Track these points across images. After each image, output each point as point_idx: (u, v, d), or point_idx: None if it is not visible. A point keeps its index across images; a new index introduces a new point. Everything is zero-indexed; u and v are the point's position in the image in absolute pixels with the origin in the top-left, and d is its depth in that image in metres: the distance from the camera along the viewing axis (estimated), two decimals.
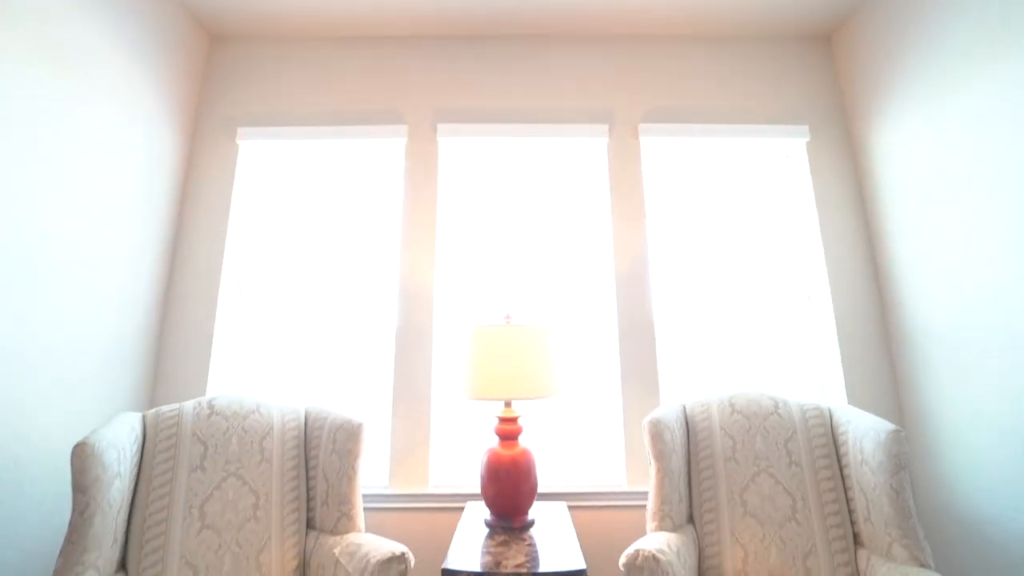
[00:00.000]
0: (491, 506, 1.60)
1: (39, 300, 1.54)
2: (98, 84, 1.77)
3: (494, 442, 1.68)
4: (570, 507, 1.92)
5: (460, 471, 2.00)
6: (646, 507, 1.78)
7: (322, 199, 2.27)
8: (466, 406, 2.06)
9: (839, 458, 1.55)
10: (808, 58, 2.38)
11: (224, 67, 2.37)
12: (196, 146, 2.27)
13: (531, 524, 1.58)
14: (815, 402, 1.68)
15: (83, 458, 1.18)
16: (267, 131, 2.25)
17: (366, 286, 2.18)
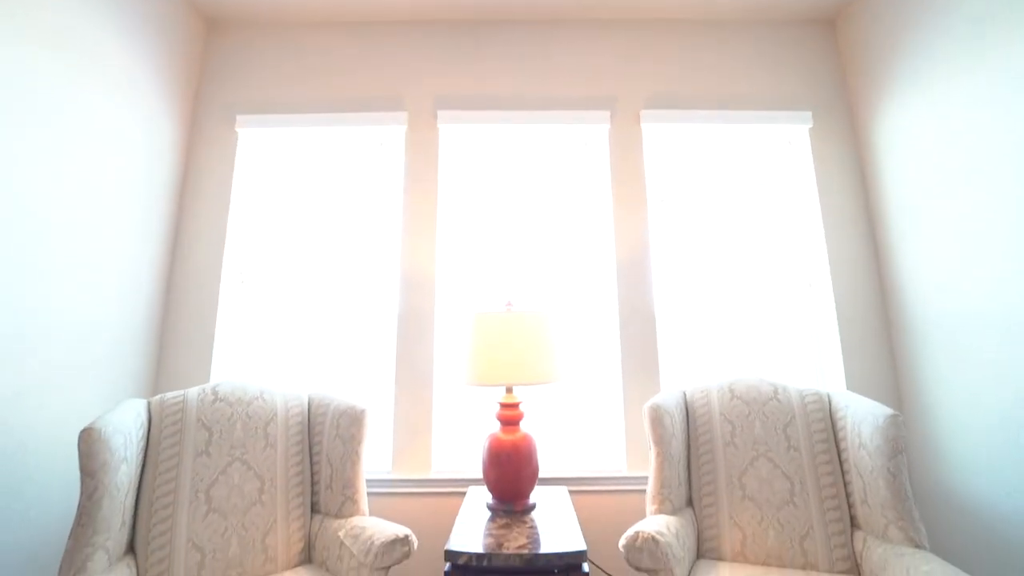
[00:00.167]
0: (493, 490, 1.62)
1: (42, 290, 1.54)
2: (97, 72, 1.76)
3: (496, 428, 1.70)
4: (571, 491, 1.94)
5: (462, 456, 2.02)
6: (646, 491, 1.80)
7: (323, 187, 2.26)
8: (467, 392, 2.08)
9: (837, 442, 1.57)
10: (812, 43, 2.35)
11: (222, 54, 2.34)
12: (195, 134, 2.26)
13: (532, 508, 1.61)
14: (814, 388, 1.69)
15: (90, 443, 1.19)
16: (266, 118, 2.23)
17: (367, 274, 2.19)
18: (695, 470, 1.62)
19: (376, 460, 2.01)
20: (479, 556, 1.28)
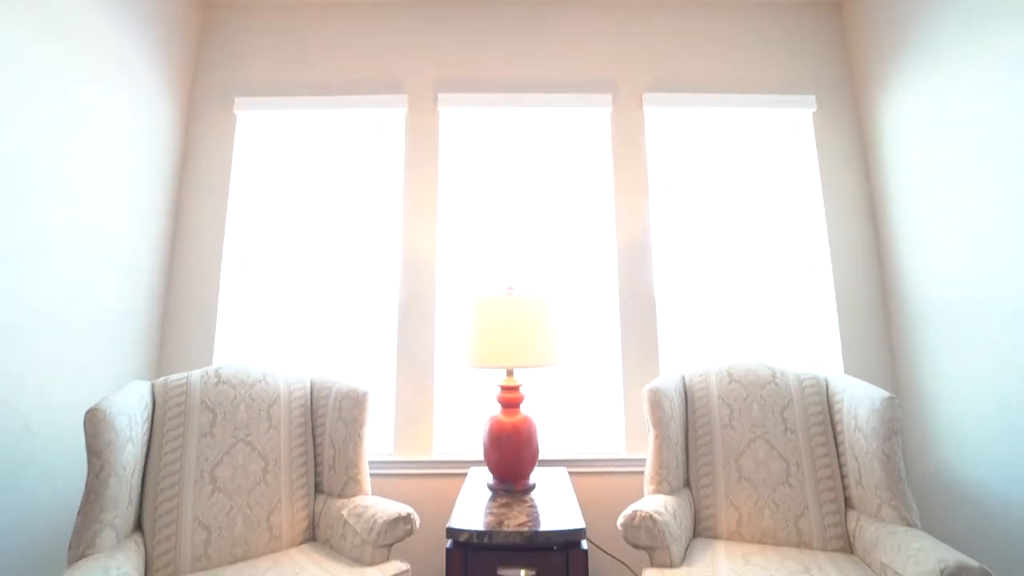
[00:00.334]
0: (494, 471, 1.64)
1: (44, 275, 1.54)
2: (92, 54, 1.73)
3: (496, 410, 1.71)
4: (570, 473, 1.97)
5: (463, 438, 2.05)
6: (644, 473, 1.83)
7: (323, 171, 2.25)
8: (468, 375, 2.10)
9: (833, 425, 1.59)
10: (817, 26, 2.32)
11: (219, 35, 2.31)
12: (193, 117, 2.23)
13: (532, 488, 1.63)
14: (812, 372, 1.71)
15: (95, 423, 1.21)
16: (265, 101, 2.21)
17: (368, 257, 2.19)
18: (693, 452, 1.65)
19: (378, 442, 2.04)
20: (480, 534, 1.30)
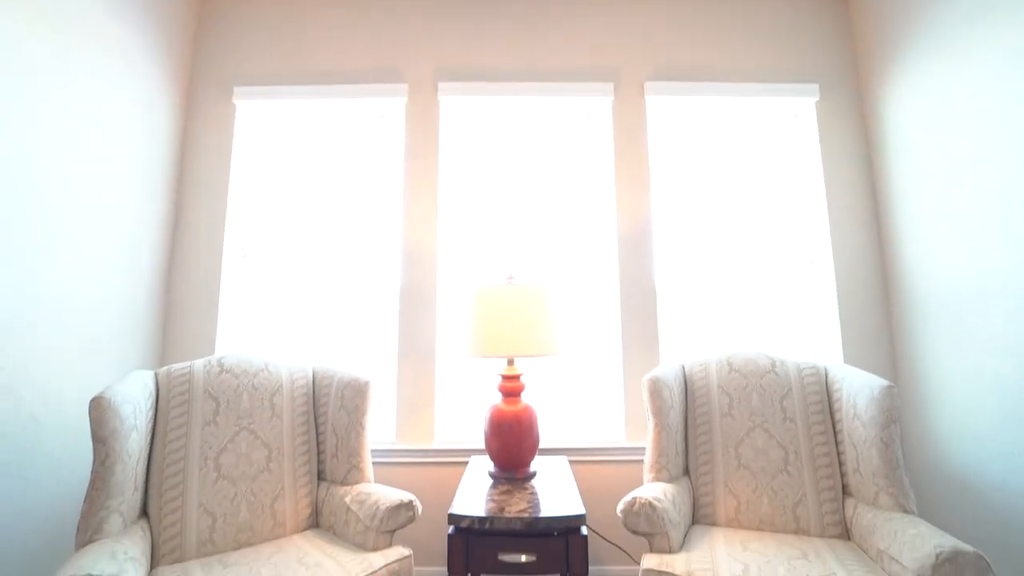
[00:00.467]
0: (495, 459, 1.66)
1: (47, 266, 1.55)
2: (91, 44, 1.72)
3: (498, 399, 1.73)
4: (571, 461, 1.99)
5: (464, 427, 2.06)
6: (644, 461, 1.84)
7: (323, 160, 2.24)
8: (470, 364, 2.11)
9: (832, 414, 1.60)
10: (822, 13, 2.29)
11: (216, 25, 2.28)
12: (192, 107, 2.22)
13: (533, 475, 1.65)
14: (812, 361, 1.71)
15: (100, 411, 1.22)
16: (264, 90, 2.19)
17: (369, 247, 2.19)
18: (692, 440, 1.66)
19: (380, 431, 2.05)
20: (481, 519, 1.32)
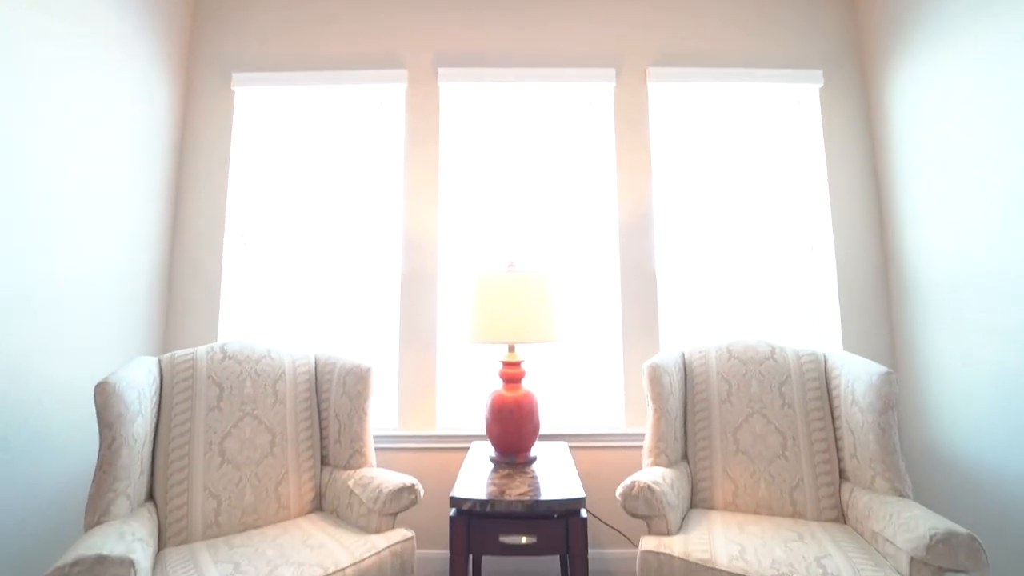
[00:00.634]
0: (496, 444, 1.68)
1: (49, 253, 1.56)
2: (89, 30, 1.70)
3: (498, 385, 1.74)
4: (571, 447, 2.01)
5: (465, 413, 2.08)
6: (643, 447, 1.86)
7: (323, 147, 2.23)
8: (471, 351, 2.12)
9: (831, 400, 1.61)
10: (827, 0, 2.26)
11: (215, 11, 2.26)
12: (191, 93, 2.21)
13: (533, 460, 1.67)
14: (811, 348, 1.72)
15: (105, 396, 1.23)
16: (263, 76, 2.18)
17: (370, 234, 2.19)
18: (691, 426, 1.68)
19: (382, 417, 2.08)
20: (483, 503, 1.34)
